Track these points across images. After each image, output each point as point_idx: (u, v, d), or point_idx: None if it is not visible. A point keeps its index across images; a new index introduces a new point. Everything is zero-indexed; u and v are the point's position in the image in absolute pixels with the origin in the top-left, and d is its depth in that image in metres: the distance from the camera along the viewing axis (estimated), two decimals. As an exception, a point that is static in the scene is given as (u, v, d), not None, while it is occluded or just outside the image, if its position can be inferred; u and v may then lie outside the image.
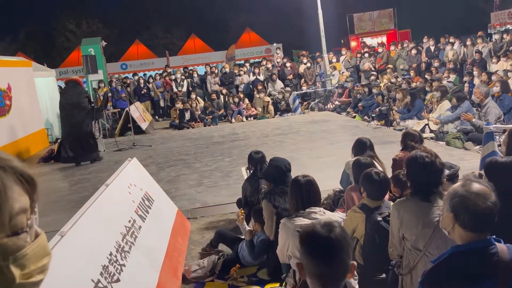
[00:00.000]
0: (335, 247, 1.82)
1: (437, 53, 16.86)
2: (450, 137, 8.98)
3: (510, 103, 9.04)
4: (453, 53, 15.85)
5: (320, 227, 1.86)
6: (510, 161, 3.64)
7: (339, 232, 1.85)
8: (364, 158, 4.81)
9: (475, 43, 15.66)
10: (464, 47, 16.09)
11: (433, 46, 17.40)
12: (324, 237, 1.82)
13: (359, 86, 15.28)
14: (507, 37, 15.58)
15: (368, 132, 11.02)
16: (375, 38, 25.11)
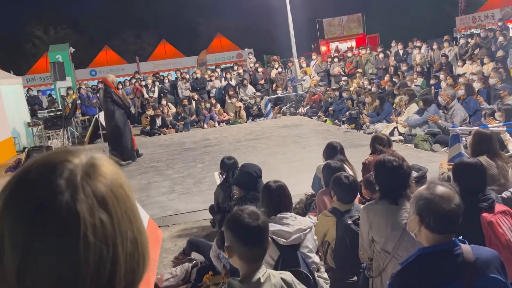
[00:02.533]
0: (259, 233, 2.15)
1: (405, 57, 17.20)
2: (418, 140, 9.17)
3: (475, 105, 9.29)
4: (420, 57, 16.20)
5: (247, 216, 2.17)
6: (476, 162, 3.74)
7: (262, 220, 2.18)
8: (334, 162, 4.87)
9: (442, 47, 16.04)
10: (431, 51, 16.46)
11: (401, 50, 17.74)
12: (250, 225, 2.14)
13: (329, 91, 15.44)
14: (472, 41, 16.01)
15: (339, 135, 11.15)
16: (344, 43, 25.44)
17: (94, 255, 0.70)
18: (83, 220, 0.70)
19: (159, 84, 18.92)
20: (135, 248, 0.77)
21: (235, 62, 22.88)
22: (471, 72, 12.83)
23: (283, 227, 3.21)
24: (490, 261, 2.08)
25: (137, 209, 0.81)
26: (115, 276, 0.73)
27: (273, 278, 2.15)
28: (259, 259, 2.17)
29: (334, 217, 3.91)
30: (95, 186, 0.74)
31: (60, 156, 0.77)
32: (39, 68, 24.32)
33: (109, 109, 10.56)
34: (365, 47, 19.56)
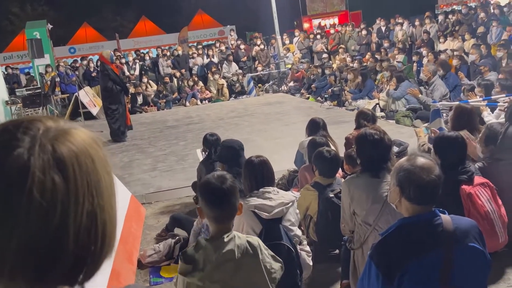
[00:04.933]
0: (223, 196, 2.26)
1: (388, 33, 17.20)
2: (400, 116, 9.25)
3: (455, 80, 9.38)
4: (402, 34, 16.22)
5: (215, 180, 2.29)
6: (456, 135, 3.79)
7: (229, 183, 2.28)
8: (319, 138, 4.88)
9: (423, 23, 16.06)
10: (413, 28, 16.47)
11: (383, 27, 17.72)
12: (218, 188, 2.26)
13: (312, 68, 15.41)
14: (453, 17, 16.05)
15: (321, 112, 11.16)
16: (327, 20, 25.30)
17: (36, 214, 0.67)
18: (32, 174, 0.67)
19: (140, 61, 18.64)
20: (92, 223, 0.73)
21: (217, 39, 22.63)
22: (452, 48, 12.91)
23: (266, 201, 3.22)
24: (469, 230, 2.12)
25: (108, 188, 0.76)
26: (61, 247, 0.69)
27: (237, 240, 2.26)
28: (224, 220, 2.29)
29: (316, 191, 3.94)
30: (57, 147, 0.70)
31: (37, 118, 0.74)
32: (17, 45, 23.73)
33: (107, 86, 10.35)
34: (347, 24, 19.50)
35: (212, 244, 2.22)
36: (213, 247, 2.21)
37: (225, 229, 2.28)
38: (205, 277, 2.17)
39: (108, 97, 10.46)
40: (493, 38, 12.87)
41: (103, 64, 10.50)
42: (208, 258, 2.19)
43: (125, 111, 10.89)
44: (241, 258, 2.23)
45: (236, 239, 2.25)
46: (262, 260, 2.31)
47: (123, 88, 10.71)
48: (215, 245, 2.22)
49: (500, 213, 3.52)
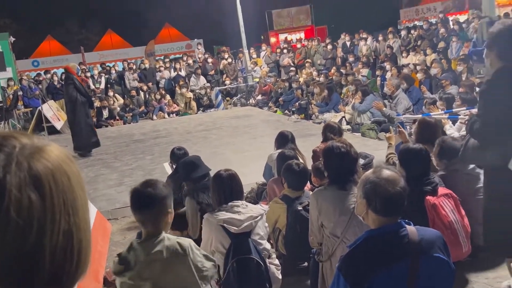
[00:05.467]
0: (144, 200, 2.40)
1: (352, 48, 17.57)
2: (365, 128, 9.42)
3: (418, 94, 9.65)
4: (366, 48, 16.60)
5: (140, 185, 2.47)
6: (420, 148, 3.89)
7: (151, 189, 2.41)
8: (288, 151, 4.92)
9: (387, 38, 16.50)
10: (377, 43, 16.90)
11: (348, 42, 18.10)
12: (137, 192, 2.44)
13: (279, 82, 15.56)
14: (415, 32, 16.56)
15: (289, 125, 11.26)
16: (293, 34, 25.65)
17: (13, 233, 0.65)
18: (8, 192, 0.65)
19: (106, 75, 18.39)
20: (68, 242, 0.72)
21: (184, 52, 22.61)
22: (413, 63, 13.29)
23: (234, 215, 3.22)
24: (434, 241, 2.17)
25: (83, 206, 0.76)
26: (36, 266, 0.68)
27: (167, 241, 2.41)
28: (148, 224, 2.43)
29: (284, 204, 3.95)
30: (33, 164, 0.69)
31: (11, 134, 0.73)
32: (-24, 58, 23.00)
33: (72, 95, 10.17)
34: (313, 39, 19.83)
35: (142, 246, 2.40)
36: (143, 248, 2.39)
37: (152, 232, 2.42)
38: (135, 276, 2.35)
39: (73, 109, 10.27)
40: (453, 53, 13.33)
41: (68, 73, 10.36)
42: (138, 259, 2.37)
43: (91, 124, 10.71)
44: (170, 258, 2.38)
45: (165, 241, 2.41)
46: (192, 259, 2.45)
47: (88, 100, 10.56)
48: (144, 247, 2.39)
49: (463, 223, 3.62)
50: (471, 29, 14.12)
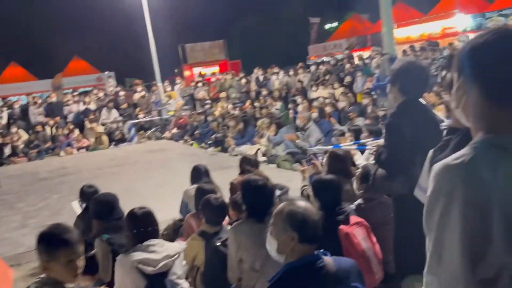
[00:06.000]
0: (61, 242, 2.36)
1: (265, 82, 18.08)
2: (280, 160, 9.63)
3: (327, 126, 10.10)
4: (278, 82, 17.16)
5: (54, 228, 2.45)
6: (332, 178, 4.01)
7: (70, 231, 2.41)
8: (207, 185, 4.87)
9: (297, 73, 17.19)
10: (288, 77, 17.53)
11: (261, 76, 18.61)
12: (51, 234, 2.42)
13: (195, 115, 15.55)
14: (323, 67, 17.42)
15: (205, 158, 11.22)
16: (207, 68, 25.92)
17: None
18: None
19: (8, 109, 17.26)
20: None
21: (95, 85, 21.91)
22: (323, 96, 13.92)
23: (150, 255, 3.09)
24: (350, 270, 2.21)
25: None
26: None
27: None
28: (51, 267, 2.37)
29: (202, 240, 3.86)
30: None
31: None
32: None
33: None
34: (228, 73, 20.16)
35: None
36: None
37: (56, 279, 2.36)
38: None
39: None
40: (359, 87, 14.16)
41: None
42: None
43: None
44: None
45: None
46: None
47: None
48: None
49: (375, 251, 3.75)
50: (374, 65, 15.12)
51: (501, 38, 1.40)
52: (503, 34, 1.41)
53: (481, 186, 1.32)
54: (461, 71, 1.49)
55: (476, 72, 1.43)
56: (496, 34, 1.41)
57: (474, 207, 1.31)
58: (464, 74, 1.47)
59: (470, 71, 1.45)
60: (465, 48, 1.47)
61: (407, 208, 3.20)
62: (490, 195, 1.31)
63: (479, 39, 1.43)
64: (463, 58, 1.48)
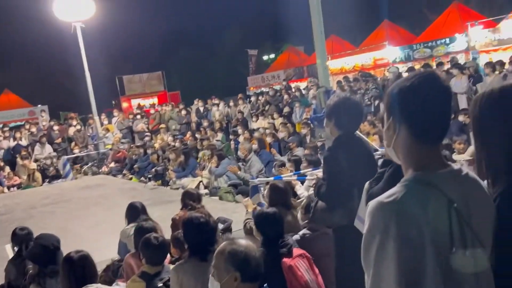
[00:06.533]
0: None
1: (206, 113, 18.09)
2: (222, 192, 9.60)
3: (268, 157, 10.23)
4: (219, 113, 17.23)
5: None
6: (274, 212, 4.04)
7: None
8: (146, 223, 4.75)
9: (237, 104, 17.36)
10: (228, 108, 17.66)
11: (202, 107, 18.61)
12: None
13: (133, 148, 15.24)
14: (263, 98, 17.72)
15: (145, 193, 10.99)
16: (146, 99, 25.64)
17: None
18: None
19: None
20: None
21: (27, 120, 21.01)
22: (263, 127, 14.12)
23: None
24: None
25: None
26: None
27: None
28: None
29: (143, 282, 3.74)
30: None
31: None
32: None
33: None
34: (167, 104, 20.02)
35: None
36: None
37: None
38: None
39: None
40: (297, 117, 14.49)
41: None
42: None
43: None
44: None
45: None
46: None
47: None
48: None
49: (317, 282, 3.78)
50: (311, 95, 15.58)
51: (425, 81, 1.51)
52: (427, 78, 1.52)
53: (413, 222, 1.40)
54: (390, 112, 1.58)
55: (404, 113, 1.53)
56: (421, 77, 1.52)
57: (408, 242, 1.38)
58: (393, 115, 1.56)
59: (399, 112, 1.54)
60: (393, 91, 1.57)
61: (347, 240, 3.28)
62: (422, 231, 1.39)
63: (405, 83, 1.53)
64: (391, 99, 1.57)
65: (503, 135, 1.65)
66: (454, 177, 1.49)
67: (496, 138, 1.68)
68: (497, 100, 1.69)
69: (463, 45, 15.59)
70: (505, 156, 1.65)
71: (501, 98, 1.68)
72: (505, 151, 1.65)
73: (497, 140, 1.67)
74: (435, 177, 1.46)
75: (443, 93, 1.51)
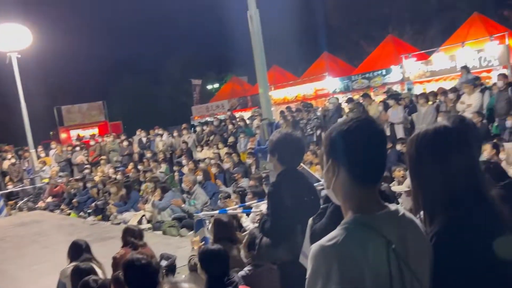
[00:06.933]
0: None
1: (149, 144, 17.77)
2: (166, 226, 9.37)
3: (213, 188, 10.13)
4: (163, 144, 16.97)
5: None
6: (219, 248, 3.97)
7: None
8: (83, 264, 4.54)
9: (181, 134, 17.20)
10: (172, 138, 17.45)
11: (144, 138, 18.28)
12: None
13: (72, 181, 14.68)
14: (207, 128, 17.66)
15: (85, 229, 10.58)
16: (86, 130, 24.93)
17: None
18: None
19: None
20: None
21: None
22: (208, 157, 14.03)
23: None
24: None
25: None
26: None
27: None
28: None
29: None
30: None
31: None
32: None
33: None
34: (108, 135, 19.52)
35: None
36: None
37: None
38: None
39: None
40: (242, 147, 14.54)
41: None
42: None
43: None
44: None
45: None
46: None
47: None
48: None
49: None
50: (255, 125, 15.72)
51: (361, 126, 1.56)
52: (363, 123, 1.57)
53: (354, 265, 1.42)
54: (329, 154, 1.61)
55: (342, 156, 1.56)
56: (357, 122, 1.57)
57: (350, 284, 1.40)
58: (332, 158, 1.59)
59: (337, 155, 1.57)
60: (331, 134, 1.61)
61: (292, 275, 3.26)
62: (363, 273, 1.42)
63: (343, 126, 1.58)
64: (330, 143, 1.61)
65: (438, 175, 1.71)
66: (392, 218, 1.53)
67: (431, 178, 1.73)
68: (432, 140, 1.75)
69: (399, 76, 16.37)
70: (441, 196, 1.71)
71: (435, 138, 1.75)
72: (440, 191, 1.71)
73: (433, 180, 1.73)
74: (374, 219, 1.50)
75: (378, 137, 1.56)
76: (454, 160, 1.69)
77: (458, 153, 1.70)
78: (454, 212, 1.67)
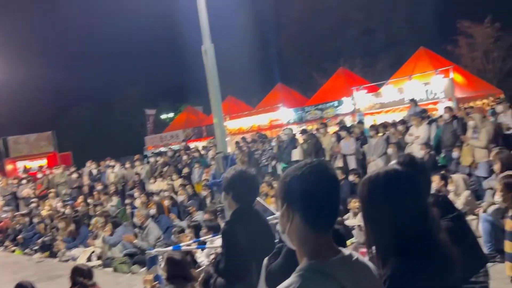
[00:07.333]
0: None
1: (100, 176, 17.25)
2: (117, 263, 9.03)
3: (167, 222, 9.90)
4: (114, 176, 16.50)
5: None
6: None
7: None
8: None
9: (134, 165, 16.81)
10: (124, 169, 17.01)
11: (95, 169, 17.73)
12: None
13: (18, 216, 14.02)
14: (161, 159, 17.37)
15: (31, 267, 10.10)
16: (34, 161, 24.01)
17: None
18: None
19: None
20: None
21: None
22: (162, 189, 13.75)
23: None
24: None
25: None
26: None
27: None
28: None
29: None
30: None
31: None
32: None
33: None
34: (57, 166, 18.83)
35: None
36: None
37: None
38: None
39: None
40: (196, 178, 14.36)
41: None
42: None
43: None
44: None
45: None
46: None
47: None
48: None
49: None
50: (210, 156, 15.59)
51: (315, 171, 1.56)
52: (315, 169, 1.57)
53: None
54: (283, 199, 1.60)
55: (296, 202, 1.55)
56: (311, 167, 1.57)
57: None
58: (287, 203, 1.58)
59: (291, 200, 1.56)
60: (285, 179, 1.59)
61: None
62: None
63: (297, 171, 1.57)
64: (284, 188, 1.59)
65: (390, 218, 1.73)
66: (346, 263, 1.53)
67: (383, 221, 1.75)
68: (383, 184, 1.78)
69: (350, 108, 16.82)
70: (392, 239, 1.73)
71: (385, 182, 1.78)
72: (392, 234, 1.73)
73: (384, 223, 1.75)
74: (328, 265, 1.49)
75: (332, 182, 1.57)
76: (405, 204, 1.72)
77: (409, 197, 1.73)
78: (406, 256, 1.68)
